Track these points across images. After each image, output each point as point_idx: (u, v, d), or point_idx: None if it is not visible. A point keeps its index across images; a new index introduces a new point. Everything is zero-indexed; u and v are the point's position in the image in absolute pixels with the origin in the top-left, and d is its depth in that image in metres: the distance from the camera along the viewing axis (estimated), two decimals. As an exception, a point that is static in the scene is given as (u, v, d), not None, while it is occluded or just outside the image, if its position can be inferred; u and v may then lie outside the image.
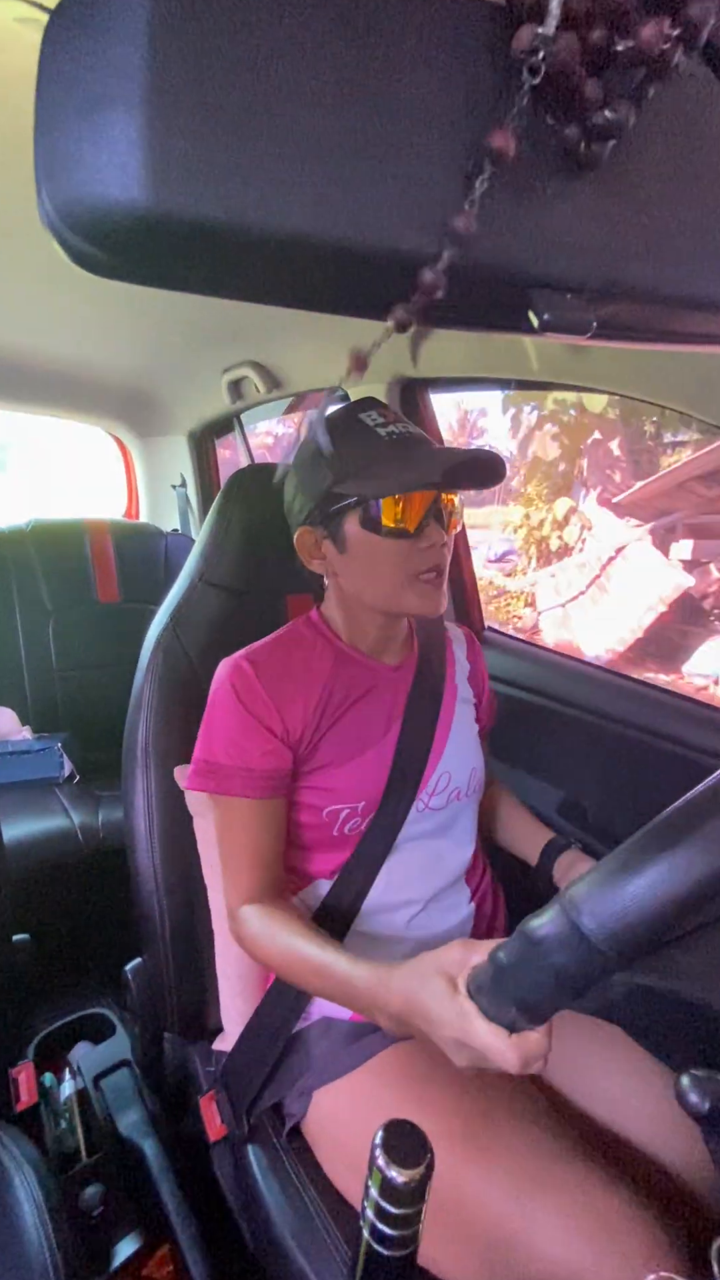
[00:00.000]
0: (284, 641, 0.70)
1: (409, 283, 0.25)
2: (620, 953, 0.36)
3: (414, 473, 0.59)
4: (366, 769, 0.68)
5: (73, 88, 0.21)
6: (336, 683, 0.68)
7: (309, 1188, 0.63)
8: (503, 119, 0.25)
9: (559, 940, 0.38)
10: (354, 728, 0.68)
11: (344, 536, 0.63)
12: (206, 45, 0.20)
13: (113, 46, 0.20)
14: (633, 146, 0.27)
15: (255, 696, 0.64)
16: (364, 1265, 0.35)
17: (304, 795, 0.67)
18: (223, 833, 0.68)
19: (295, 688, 0.66)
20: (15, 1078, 0.81)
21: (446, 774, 0.72)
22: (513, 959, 0.42)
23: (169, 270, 0.25)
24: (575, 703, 1.05)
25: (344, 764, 0.67)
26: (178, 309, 1.22)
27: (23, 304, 1.21)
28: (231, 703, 0.64)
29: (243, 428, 1.80)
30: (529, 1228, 0.50)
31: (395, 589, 0.63)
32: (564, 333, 0.27)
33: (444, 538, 0.63)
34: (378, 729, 0.69)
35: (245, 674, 0.65)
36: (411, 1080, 0.60)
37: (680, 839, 0.35)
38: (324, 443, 0.45)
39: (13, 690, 1.61)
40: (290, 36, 0.21)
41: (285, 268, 0.24)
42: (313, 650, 0.69)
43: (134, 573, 1.72)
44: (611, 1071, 0.63)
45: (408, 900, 0.70)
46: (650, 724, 0.94)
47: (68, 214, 0.22)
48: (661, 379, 0.83)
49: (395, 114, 0.23)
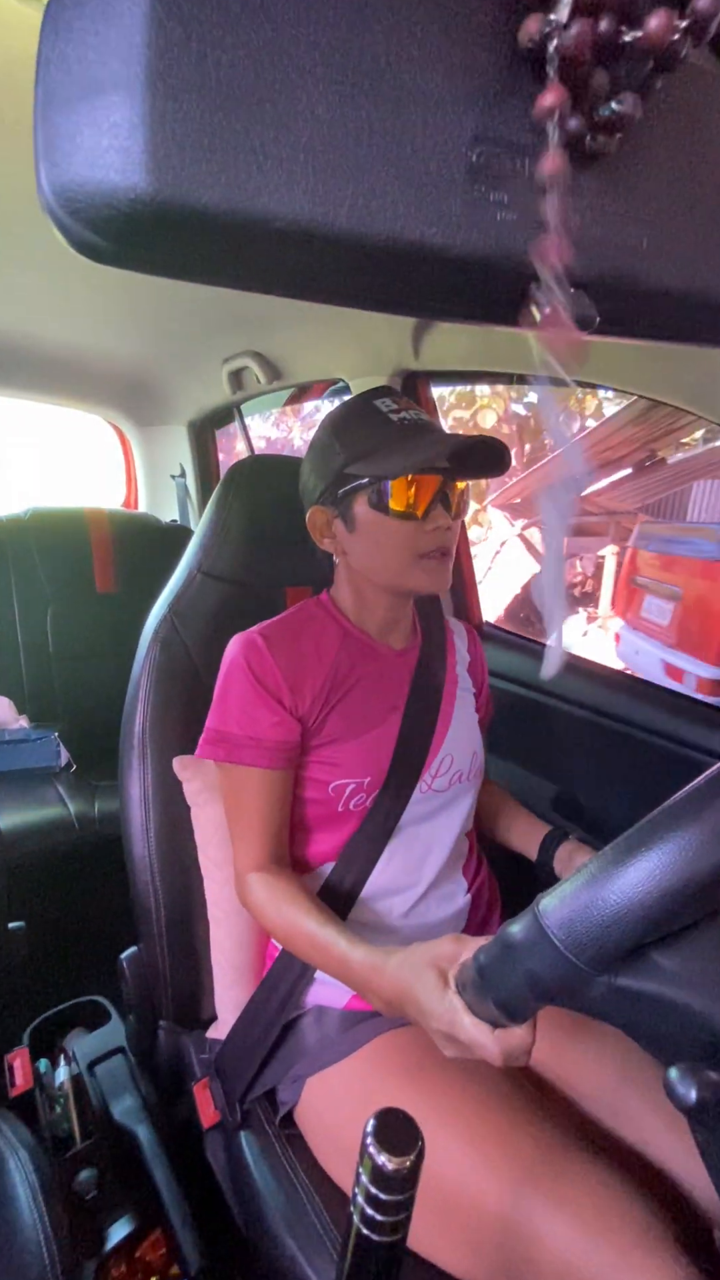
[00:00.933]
0: (294, 620, 0.72)
1: (410, 273, 0.25)
2: (589, 961, 0.36)
3: (422, 456, 0.60)
4: (372, 745, 0.69)
5: (73, 71, 0.21)
6: (343, 661, 0.70)
7: (300, 1174, 0.64)
8: (513, 112, 0.24)
9: (531, 947, 0.38)
10: (360, 705, 0.70)
11: (354, 516, 0.66)
12: (209, 29, 0.20)
13: (114, 29, 0.20)
14: (639, 140, 0.27)
15: (267, 670, 0.66)
16: (354, 1251, 0.35)
17: (311, 770, 0.69)
18: (231, 802, 0.69)
19: (305, 663, 0.68)
20: (11, 1063, 0.82)
21: (449, 756, 0.74)
22: (491, 961, 0.42)
23: (169, 258, 0.24)
24: (573, 699, 1.06)
25: (350, 740, 0.69)
26: (178, 297, 1.21)
27: (22, 291, 1.20)
28: (244, 675, 0.66)
29: (243, 418, 1.79)
30: (527, 1218, 0.50)
31: (402, 567, 0.65)
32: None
33: (449, 520, 0.65)
34: (383, 708, 0.71)
35: (258, 648, 0.67)
36: (404, 1069, 0.61)
37: (645, 851, 0.35)
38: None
39: (10, 679, 1.60)
40: (294, 22, 0.21)
41: (287, 257, 0.24)
42: (322, 629, 0.72)
43: (133, 563, 1.72)
44: (603, 1063, 0.64)
45: (407, 885, 0.71)
46: (647, 720, 0.94)
47: (67, 199, 0.21)
48: (663, 376, 0.82)
49: (400, 101, 0.23)
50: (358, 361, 1.26)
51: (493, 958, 0.42)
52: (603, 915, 0.35)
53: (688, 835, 0.34)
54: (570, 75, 0.23)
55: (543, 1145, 0.53)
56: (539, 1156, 0.53)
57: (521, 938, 0.39)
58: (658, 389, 0.85)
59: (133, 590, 1.69)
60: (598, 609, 5.64)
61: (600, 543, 6.01)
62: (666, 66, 0.24)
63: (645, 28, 0.23)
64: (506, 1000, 0.42)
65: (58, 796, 1.38)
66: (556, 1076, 0.66)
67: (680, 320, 0.33)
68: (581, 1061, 0.65)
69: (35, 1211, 0.55)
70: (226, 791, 0.70)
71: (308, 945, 0.61)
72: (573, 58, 0.23)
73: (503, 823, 0.84)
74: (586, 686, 1.04)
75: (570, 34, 0.22)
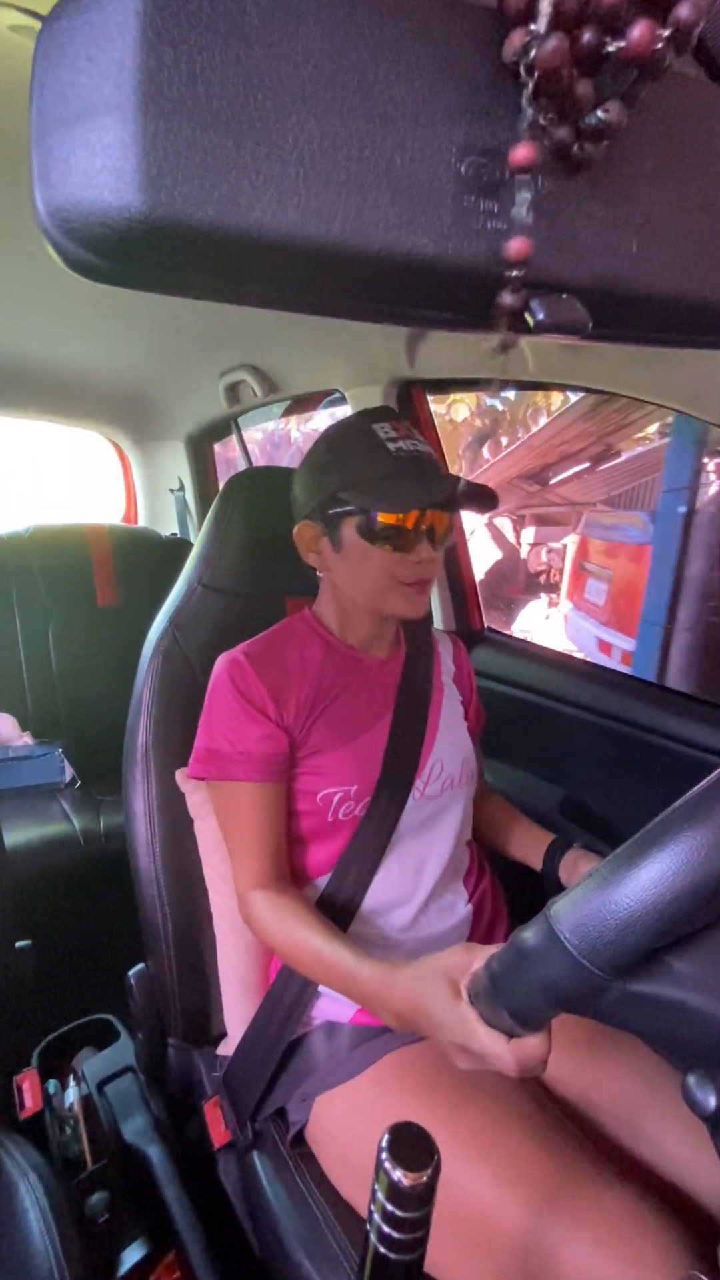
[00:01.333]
0: (277, 636, 0.73)
1: (404, 284, 0.25)
2: (604, 966, 0.35)
3: (414, 498, 0.62)
4: (359, 753, 0.70)
5: (67, 93, 0.21)
6: (327, 672, 0.71)
7: (315, 1194, 0.63)
8: (500, 122, 0.25)
9: (544, 953, 0.38)
10: (346, 714, 0.70)
11: (341, 538, 0.67)
12: (199, 50, 0.20)
13: (106, 53, 0.20)
14: (626, 147, 0.27)
15: (251, 685, 0.67)
16: (371, 1270, 0.34)
17: (300, 781, 0.69)
18: (226, 820, 0.69)
19: (288, 677, 0.69)
20: (19, 1085, 0.81)
21: (440, 762, 0.74)
22: (504, 968, 0.42)
23: (164, 275, 0.25)
24: (575, 701, 1.05)
25: (336, 748, 0.69)
26: (173, 313, 1.22)
27: (18, 311, 1.21)
28: (229, 692, 0.67)
29: (240, 431, 1.80)
30: (547, 1239, 0.49)
31: (381, 593, 0.68)
32: (560, 333, 0.27)
33: (432, 554, 0.67)
34: (369, 716, 0.71)
35: (241, 665, 0.68)
36: (415, 1087, 0.60)
37: (657, 852, 0.34)
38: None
39: (13, 695, 1.60)
40: (282, 40, 0.21)
41: (280, 271, 0.25)
42: (305, 642, 0.73)
43: (133, 577, 1.72)
44: (622, 1077, 0.63)
45: (405, 897, 0.71)
46: (651, 722, 0.94)
47: (62, 219, 0.22)
48: (657, 379, 0.83)
49: (388, 116, 0.23)
50: (353, 372, 1.27)
51: (506, 965, 0.42)
52: (616, 919, 0.35)
53: (700, 835, 0.34)
54: (549, 87, 0.24)
55: (562, 1165, 0.52)
56: (558, 1177, 0.52)
57: (534, 944, 0.39)
58: (653, 392, 0.85)
59: (134, 604, 1.70)
60: (559, 595, 5.93)
61: (564, 532, 6.36)
62: (650, 75, 0.25)
63: (628, 38, 0.23)
64: (521, 1008, 0.41)
65: (62, 813, 1.37)
66: (574, 1093, 0.65)
67: (672, 323, 0.33)
68: (599, 1077, 0.64)
69: (47, 1237, 0.54)
70: (221, 810, 0.70)
71: (313, 962, 0.60)
72: (550, 71, 0.23)
73: (505, 834, 0.84)
74: (589, 689, 1.04)
75: (547, 47, 0.23)
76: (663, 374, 0.81)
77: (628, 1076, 0.63)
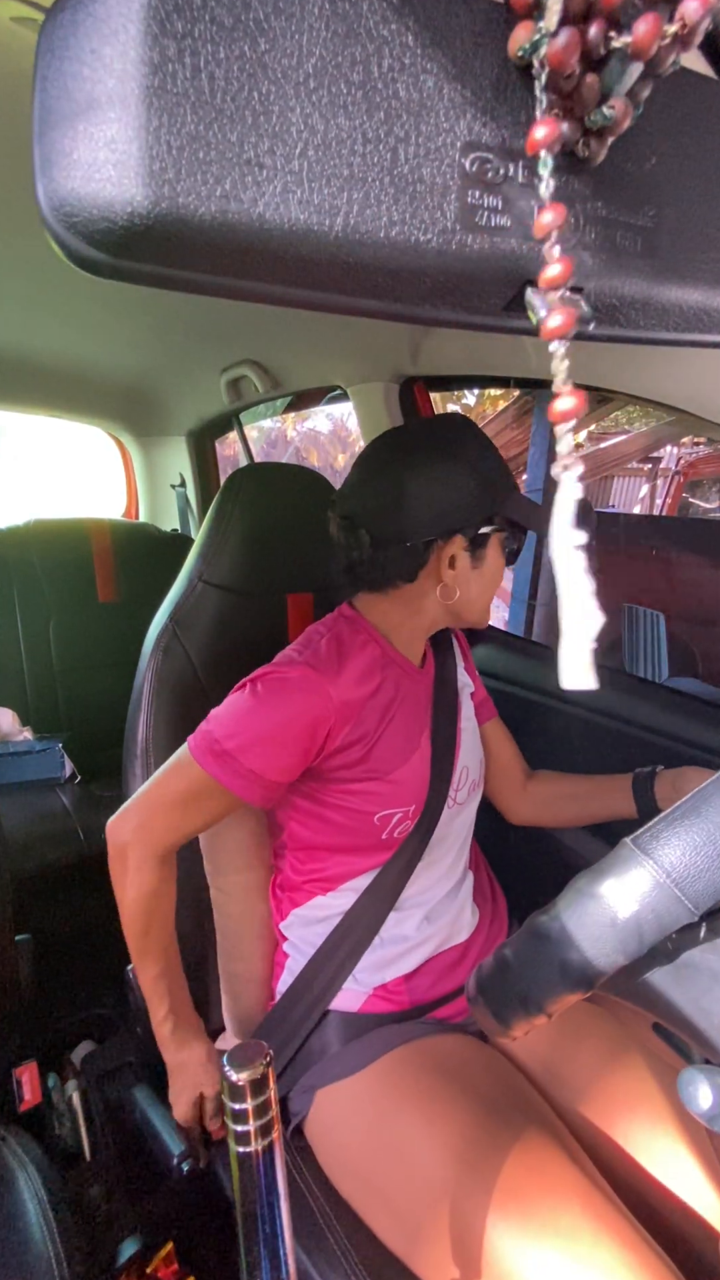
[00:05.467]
0: (335, 647, 0.66)
1: (407, 280, 0.25)
2: (699, 899, 0.32)
3: (545, 514, 0.65)
4: (415, 770, 0.68)
5: (69, 88, 0.21)
6: (385, 689, 0.67)
7: (312, 1188, 0.63)
8: (504, 118, 0.25)
9: (619, 891, 0.33)
10: (400, 732, 0.68)
11: (484, 555, 0.68)
12: (203, 44, 0.20)
13: (109, 46, 0.20)
14: (631, 143, 0.27)
15: (321, 720, 0.61)
16: (237, 1170, 0.39)
17: (351, 800, 0.66)
18: (175, 787, 0.63)
19: (349, 708, 0.63)
20: (19, 1078, 0.81)
21: (466, 768, 0.73)
22: (523, 948, 0.37)
23: (167, 270, 0.24)
24: (574, 699, 1.05)
25: (397, 768, 0.67)
26: (175, 308, 1.22)
27: (20, 305, 1.21)
28: (284, 708, 0.61)
29: (242, 427, 1.80)
30: (530, 1268, 0.49)
31: (489, 606, 0.72)
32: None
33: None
34: (416, 730, 0.70)
35: (326, 695, 0.61)
36: (415, 1091, 0.60)
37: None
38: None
39: (13, 690, 1.61)
40: (286, 35, 0.21)
41: (283, 266, 0.24)
42: (363, 651, 0.67)
43: (134, 573, 1.72)
44: (622, 1097, 0.63)
45: (424, 901, 0.71)
46: (651, 721, 0.94)
47: (65, 214, 0.22)
48: (660, 378, 0.82)
49: (392, 111, 0.23)
50: (355, 368, 1.27)
51: (526, 944, 0.37)
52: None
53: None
54: (559, 83, 0.24)
55: (558, 1191, 0.52)
56: (551, 1205, 0.52)
57: (612, 876, 0.34)
58: (655, 391, 0.85)
59: (134, 600, 1.70)
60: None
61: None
62: (656, 71, 0.25)
63: (634, 34, 0.23)
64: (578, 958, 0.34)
65: (63, 808, 1.37)
66: (573, 1110, 0.65)
67: (676, 322, 0.33)
68: (597, 1094, 0.64)
69: (45, 1228, 0.54)
70: (179, 778, 0.62)
71: (159, 949, 0.66)
72: (560, 66, 0.23)
73: (582, 798, 0.81)
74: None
75: (558, 42, 0.23)
76: (665, 373, 0.81)
77: (630, 1097, 0.63)
